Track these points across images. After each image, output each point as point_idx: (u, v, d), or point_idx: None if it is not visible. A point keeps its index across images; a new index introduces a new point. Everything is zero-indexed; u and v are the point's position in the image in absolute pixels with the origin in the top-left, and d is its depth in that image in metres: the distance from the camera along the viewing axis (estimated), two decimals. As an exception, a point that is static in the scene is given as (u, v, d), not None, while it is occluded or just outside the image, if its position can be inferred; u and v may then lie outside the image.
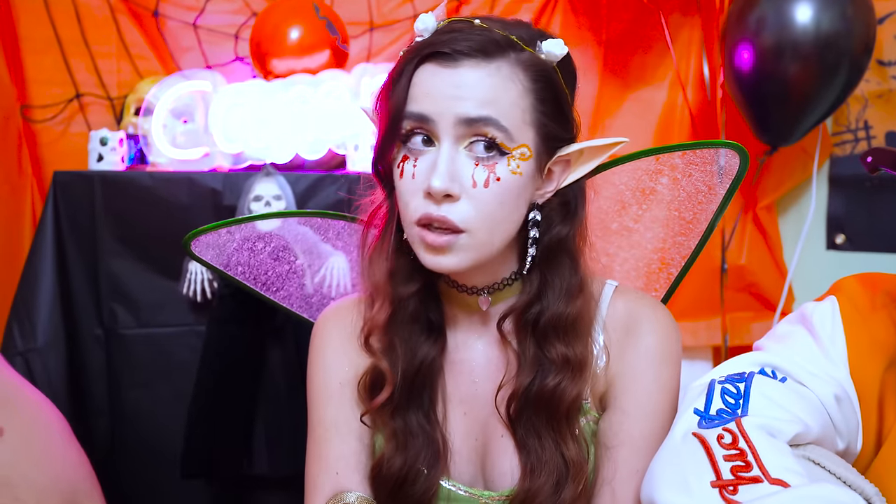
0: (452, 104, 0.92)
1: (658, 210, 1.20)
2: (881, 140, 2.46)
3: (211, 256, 1.28)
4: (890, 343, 0.99)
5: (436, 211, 0.93)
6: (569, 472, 1.00)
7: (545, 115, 0.96)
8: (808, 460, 0.90)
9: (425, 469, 1.03)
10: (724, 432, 0.88)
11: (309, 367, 1.12)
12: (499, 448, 1.05)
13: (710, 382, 0.97)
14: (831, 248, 2.54)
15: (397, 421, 1.04)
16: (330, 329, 1.12)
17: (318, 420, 1.09)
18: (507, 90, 0.93)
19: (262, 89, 2.17)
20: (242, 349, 1.96)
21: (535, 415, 1.01)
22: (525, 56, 0.95)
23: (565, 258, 1.02)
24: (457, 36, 0.93)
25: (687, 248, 1.21)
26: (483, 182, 0.93)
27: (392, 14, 2.61)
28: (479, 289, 1.04)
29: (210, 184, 2.02)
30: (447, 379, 1.07)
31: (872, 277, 1.06)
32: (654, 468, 0.92)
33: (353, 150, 2.13)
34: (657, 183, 1.17)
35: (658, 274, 1.25)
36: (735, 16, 2.26)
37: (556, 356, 1.01)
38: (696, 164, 1.14)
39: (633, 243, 1.24)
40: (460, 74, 0.92)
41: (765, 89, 2.18)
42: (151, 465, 1.99)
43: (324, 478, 1.05)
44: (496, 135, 0.92)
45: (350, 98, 2.16)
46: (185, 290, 1.97)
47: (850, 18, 2.11)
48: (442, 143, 0.93)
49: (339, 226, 1.29)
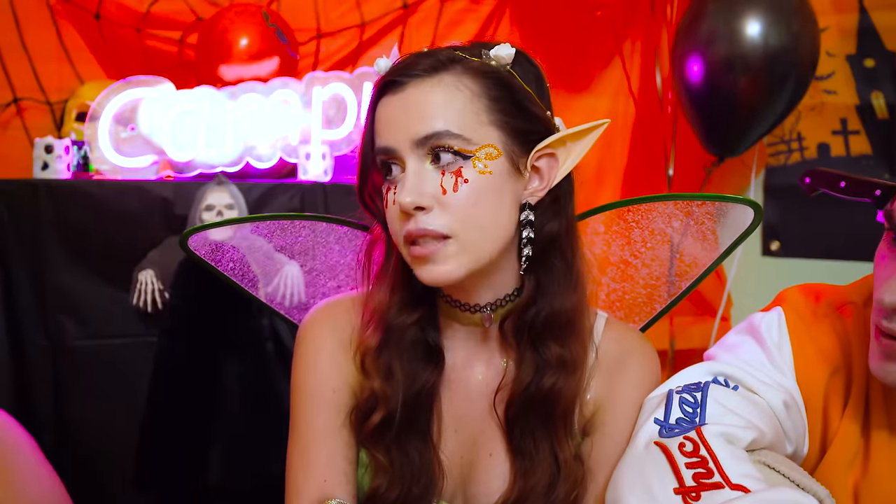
0: (405, 129, 0.97)
1: (661, 250, 1.23)
2: (813, 151, 2.57)
3: (204, 252, 1.27)
4: (833, 351, 1.04)
5: (414, 226, 0.96)
6: (560, 475, 1.02)
7: (505, 113, 0.99)
8: (764, 465, 0.95)
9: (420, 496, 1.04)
10: (686, 440, 0.92)
11: (297, 369, 1.10)
12: (485, 466, 1.07)
13: (669, 393, 1.01)
14: (766, 255, 2.64)
15: (392, 451, 1.04)
16: (323, 332, 1.10)
17: (307, 425, 1.07)
18: (453, 98, 0.97)
19: (211, 96, 2.15)
20: (195, 359, 1.94)
21: (532, 415, 1.03)
22: (470, 64, 0.99)
23: (558, 255, 1.04)
24: (404, 64, 1.00)
25: (677, 287, 1.26)
26: (452, 187, 0.96)
27: (339, 21, 2.61)
28: (481, 306, 1.06)
29: (161, 193, 1.99)
30: (443, 398, 1.08)
31: (815, 288, 1.12)
32: (618, 476, 0.95)
33: (305, 159, 2.13)
34: (668, 226, 1.21)
35: (641, 307, 1.28)
36: (685, 28, 2.31)
37: (552, 357, 1.03)
38: (711, 214, 1.19)
39: (626, 276, 1.27)
40: (406, 96, 0.97)
41: (714, 101, 2.24)
42: (101, 478, 1.96)
43: (310, 484, 1.03)
44: (452, 143, 0.95)
45: (301, 106, 2.16)
46: (134, 300, 1.94)
47: (796, 33, 2.18)
48: (408, 164, 0.97)
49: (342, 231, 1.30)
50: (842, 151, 2.54)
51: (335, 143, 2.18)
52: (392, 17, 2.61)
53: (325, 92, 2.16)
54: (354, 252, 1.30)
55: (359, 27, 2.60)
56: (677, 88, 2.35)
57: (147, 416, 1.93)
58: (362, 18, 2.59)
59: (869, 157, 2.51)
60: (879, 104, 2.48)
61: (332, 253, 1.36)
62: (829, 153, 2.55)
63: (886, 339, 0.91)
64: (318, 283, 1.42)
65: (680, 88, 2.33)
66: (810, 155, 2.57)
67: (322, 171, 2.12)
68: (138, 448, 1.92)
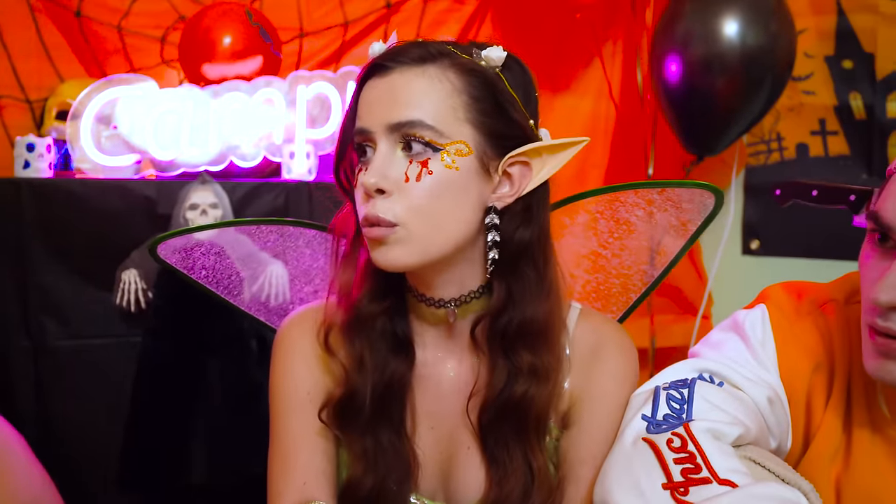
0: (382, 112, 0.98)
1: (629, 240, 1.24)
2: (792, 151, 2.60)
3: (175, 260, 1.27)
4: (816, 348, 1.05)
5: (370, 209, 0.97)
6: (535, 483, 1.02)
7: (484, 114, 0.99)
8: (750, 460, 0.96)
9: (395, 487, 1.04)
10: (674, 436, 0.93)
11: (274, 374, 1.11)
12: (464, 461, 1.07)
13: (656, 389, 1.01)
14: (746, 254, 2.67)
15: (367, 439, 1.05)
16: (296, 337, 1.11)
17: (285, 429, 1.08)
18: (433, 89, 0.97)
19: (195, 95, 2.15)
20: (179, 359, 1.93)
21: (505, 423, 1.03)
22: (459, 60, 1.00)
23: (529, 263, 1.04)
24: (395, 50, 1.01)
25: (650, 276, 1.27)
26: (415, 176, 0.96)
27: (322, 20, 2.60)
28: (445, 301, 1.06)
29: (144, 192, 1.98)
30: (416, 394, 1.08)
31: (797, 286, 1.13)
32: (606, 473, 0.96)
33: (289, 158, 2.13)
34: (632, 215, 1.22)
35: (617, 297, 1.29)
36: (663, 29, 2.33)
37: (524, 365, 1.03)
38: (673, 201, 1.20)
39: (598, 267, 1.28)
40: (391, 81, 0.98)
41: (692, 101, 2.26)
42: (84, 478, 1.94)
43: (290, 487, 1.04)
44: (424, 133, 0.96)
45: (285, 105, 2.15)
46: (118, 300, 1.93)
47: (774, 33, 2.20)
48: (378, 147, 0.98)
49: (311, 234, 1.30)
50: (820, 152, 2.57)
51: (319, 143, 2.18)
52: (375, 16, 2.61)
53: (310, 91, 2.16)
54: (326, 255, 1.31)
55: (342, 26, 2.60)
56: (655, 88, 2.37)
57: (130, 415, 1.92)
58: (345, 18, 2.59)
59: (847, 158, 2.55)
60: (857, 105, 2.52)
61: (303, 257, 1.36)
62: (807, 153, 2.58)
63: (882, 338, 0.92)
64: (295, 289, 1.42)
65: (658, 88, 2.35)
66: (789, 155, 2.60)
67: (306, 171, 2.12)
68: (121, 448, 1.91)
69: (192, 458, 1.92)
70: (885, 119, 2.48)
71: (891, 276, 0.89)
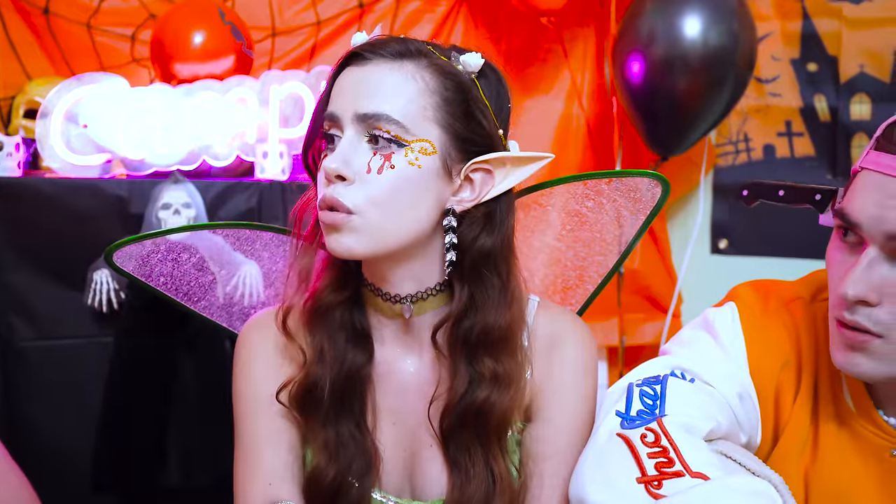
0: (352, 101, 0.99)
1: (582, 231, 1.26)
2: (759, 152, 2.65)
3: (133, 267, 1.26)
4: (784, 344, 1.08)
5: (329, 193, 0.98)
6: (496, 488, 1.03)
7: (453, 117, 1.00)
8: (722, 454, 0.99)
9: (356, 482, 1.05)
10: (647, 431, 0.95)
11: (236, 378, 1.12)
12: (428, 457, 1.08)
13: (629, 386, 1.03)
14: (715, 253, 2.71)
15: (328, 431, 1.06)
16: (257, 339, 1.12)
17: (248, 431, 1.08)
18: (406, 86, 0.99)
19: (167, 94, 2.13)
20: (153, 360, 1.92)
21: (466, 429, 1.04)
22: (436, 61, 1.01)
23: (492, 271, 1.05)
24: (375, 42, 1.02)
25: (605, 266, 1.29)
26: (377, 168, 0.98)
27: (294, 20, 2.60)
28: (402, 297, 1.06)
29: (115, 191, 1.97)
30: (377, 390, 1.09)
31: (765, 284, 1.15)
32: (581, 469, 0.97)
33: (262, 158, 2.12)
34: (583, 206, 1.24)
35: (575, 289, 1.31)
36: (626, 28, 2.35)
37: (486, 371, 1.04)
38: (621, 191, 1.22)
39: (554, 260, 1.30)
40: (365, 71, 1.00)
41: (655, 101, 2.28)
42: (55, 479, 1.92)
43: (256, 489, 1.05)
44: (390, 128, 0.97)
45: (258, 104, 2.15)
46: (89, 300, 1.91)
47: (735, 34, 2.24)
48: (345, 133, 0.99)
49: (268, 237, 1.30)
50: (787, 153, 2.62)
51: (293, 142, 2.17)
52: (348, 16, 2.61)
53: (283, 90, 2.16)
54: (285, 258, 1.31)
55: (314, 26, 2.60)
56: (619, 88, 2.39)
57: (102, 416, 1.90)
58: (318, 17, 2.59)
59: (812, 159, 2.59)
60: (822, 107, 2.57)
61: (262, 261, 1.35)
62: (774, 154, 2.63)
63: (849, 331, 0.94)
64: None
65: (622, 88, 2.37)
66: (757, 156, 2.65)
67: (280, 170, 2.12)
68: (93, 449, 1.90)
69: (166, 459, 1.91)
70: (849, 121, 2.53)
71: (857, 271, 0.92)
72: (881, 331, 0.92)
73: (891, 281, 0.91)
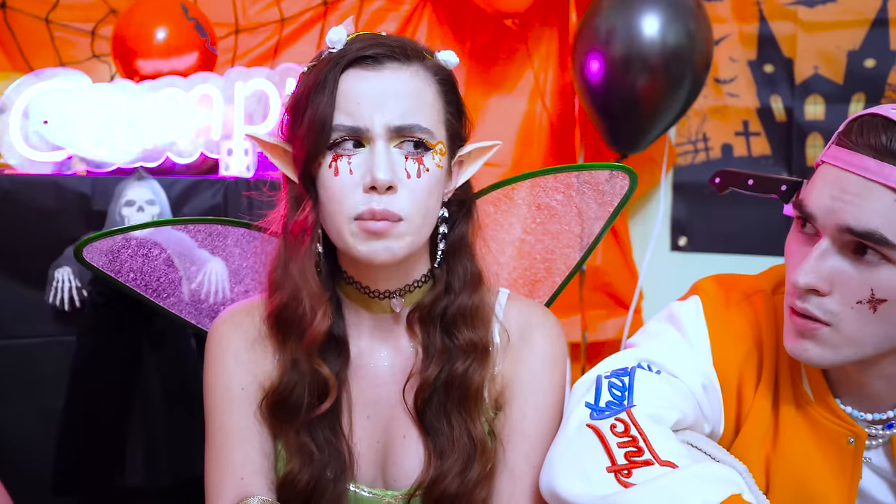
0: (381, 113, 0.98)
1: (551, 224, 1.29)
2: (718, 151, 2.70)
3: (102, 263, 1.25)
4: (746, 336, 1.11)
5: (378, 204, 0.98)
6: (476, 451, 1.06)
7: (451, 116, 1.05)
8: (688, 444, 1.02)
9: (332, 480, 1.06)
10: (617, 422, 0.97)
11: (207, 373, 1.12)
12: (400, 449, 1.09)
13: (597, 378, 1.06)
14: (675, 250, 2.76)
15: (303, 435, 1.06)
16: (229, 333, 1.12)
17: (220, 426, 1.09)
18: (425, 93, 1.01)
19: (129, 90, 2.11)
20: (116, 359, 1.90)
21: (446, 399, 1.07)
22: (431, 62, 1.04)
23: (467, 254, 1.10)
24: (376, 41, 1.01)
25: (572, 259, 1.32)
26: (416, 173, 1.00)
27: (258, 17, 2.59)
28: (391, 292, 1.08)
29: (77, 188, 1.93)
30: (351, 385, 1.10)
31: (727, 278, 1.19)
32: (552, 459, 1.00)
33: (227, 155, 2.11)
34: (552, 199, 1.26)
35: (543, 282, 1.34)
36: (585, 27, 2.37)
37: (464, 342, 1.07)
38: (590, 184, 1.25)
39: (523, 253, 1.33)
40: (385, 77, 0.99)
41: (615, 99, 2.31)
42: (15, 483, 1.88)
43: (228, 483, 1.05)
44: (422, 136, 1.00)
45: (223, 101, 2.13)
46: (50, 298, 1.88)
47: (693, 34, 2.27)
48: (376, 143, 0.98)
49: (239, 233, 1.30)
50: (744, 152, 2.68)
51: (257, 139, 2.16)
52: (312, 14, 2.61)
53: (248, 87, 2.14)
54: (256, 254, 1.31)
55: (278, 23, 2.59)
56: (578, 87, 2.41)
57: (64, 417, 1.87)
58: (281, 14, 2.58)
59: (768, 158, 2.65)
60: (778, 108, 2.63)
61: (232, 256, 1.35)
62: (732, 153, 2.69)
63: (800, 319, 0.98)
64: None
65: (581, 87, 2.39)
66: (715, 155, 2.70)
67: (244, 167, 2.11)
68: (56, 450, 1.87)
69: (129, 459, 1.89)
70: (804, 121, 2.59)
71: (809, 261, 0.95)
72: (830, 319, 0.96)
73: (841, 272, 0.94)
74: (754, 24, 2.62)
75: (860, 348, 0.97)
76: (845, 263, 0.94)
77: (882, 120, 0.93)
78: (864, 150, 0.93)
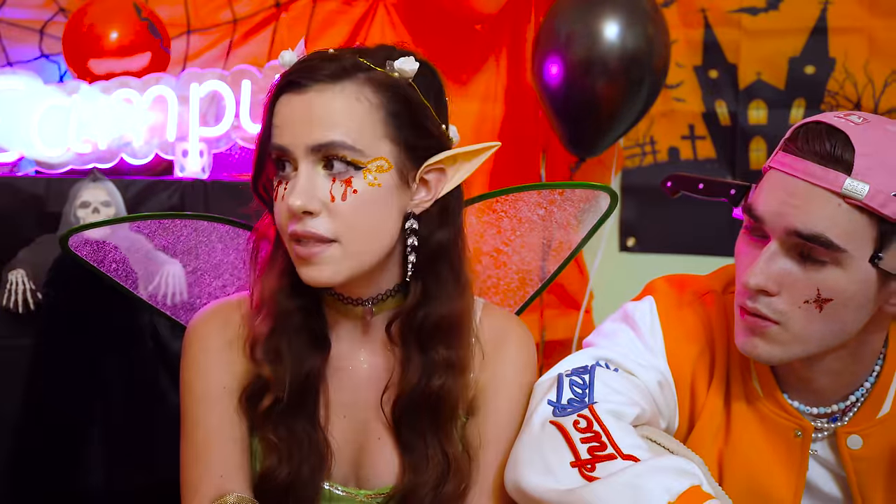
0: (303, 133, 0.98)
1: (530, 237, 1.31)
2: (665, 154, 2.77)
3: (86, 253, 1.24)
4: (699, 334, 1.15)
5: (301, 227, 0.98)
6: (450, 469, 1.07)
7: (401, 129, 1.01)
8: (647, 438, 1.05)
9: (310, 475, 1.06)
10: (580, 418, 1.00)
11: (186, 370, 1.11)
12: (375, 450, 1.10)
13: (559, 376, 1.08)
14: (623, 251, 2.82)
15: (281, 430, 1.07)
16: (209, 331, 1.11)
17: (199, 424, 1.08)
18: (353, 109, 0.99)
19: (82, 91, 2.09)
20: (73, 360, 1.87)
21: (420, 415, 1.07)
22: (374, 75, 1.01)
23: (446, 263, 1.08)
24: (309, 65, 1.01)
25: (546, 271, 1.34)
26: (341, 196, 0.98)
27: (210, 18, 2.57)
28: (363, 300, 1.09)
29: (31, 189, 1.90)
30: (330, 385, 1.11)
31: (679, 279, 1.23)
32: (516, 455, 1.02)
33: (182, 156, 2.10)
34: (534, 213, 1.28)
35: (515, 291, 1.36)
36: (545, 31, 2.39)
37: (440, 359, 1.07)
38: (571, 201, 1.27)
39: (499, 263, 1.34)
40: (309, 100, 0.99)
41: (574, 103, 2.33)
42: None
43: (206, 482, 1.05)
44: (346, 153, 0.98)
45: (177, 102, 2.12)
46: (4, 301, 1.85)
47: (651, 38, 2.31)
48: (300, 167, 0.99)
49: (224, 229, 1.30)
50: (690, 155, 2.75)
51: (212, 141, 2.16)
52: (264, 15, 2.59)
53: (203, 88, 2.14)
54: (237, 251, 1.31)
55: (230, 24, 2.57)
56: (537, 90, 2.42)
57: (21, 421, 1.84)
58: (234, 15, 2.57)
59: (713, 161, 2.74)
60: (722, 112, 2.71)
61: (215, 252, 1.35)
62: (678, 156, 2.76)
63: (751, 317, 1.02)
64: (203, 283, 1.42)
65: (540, 90, 2.40)
66: (662, 158, 2.77)
67: (200, 168, 2.10)
68: (12, 455, 1.84)
69: (89, 462, 1.86)
70: (747, 125, 2.68)
71: (759, 263, 1.00)
72: (779, 318, 1.00)
73: (788, 273, 0.99)
74: (699, 31, 2.70)
75: (807, 345, 1.02)
76: (793, 265, 0.99)
77: (826, 127, 0.97)
78: (810, 156, 0.97)
